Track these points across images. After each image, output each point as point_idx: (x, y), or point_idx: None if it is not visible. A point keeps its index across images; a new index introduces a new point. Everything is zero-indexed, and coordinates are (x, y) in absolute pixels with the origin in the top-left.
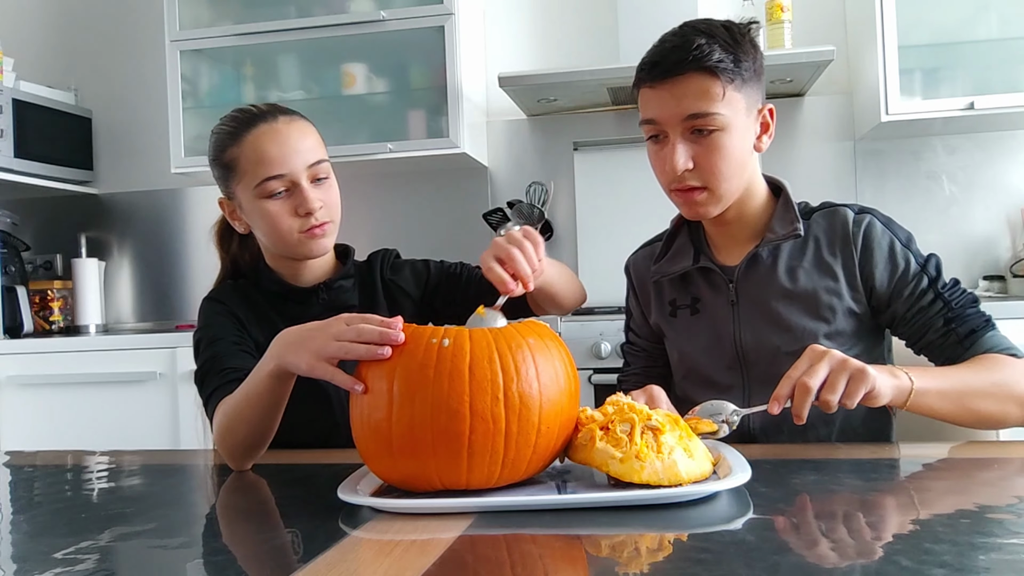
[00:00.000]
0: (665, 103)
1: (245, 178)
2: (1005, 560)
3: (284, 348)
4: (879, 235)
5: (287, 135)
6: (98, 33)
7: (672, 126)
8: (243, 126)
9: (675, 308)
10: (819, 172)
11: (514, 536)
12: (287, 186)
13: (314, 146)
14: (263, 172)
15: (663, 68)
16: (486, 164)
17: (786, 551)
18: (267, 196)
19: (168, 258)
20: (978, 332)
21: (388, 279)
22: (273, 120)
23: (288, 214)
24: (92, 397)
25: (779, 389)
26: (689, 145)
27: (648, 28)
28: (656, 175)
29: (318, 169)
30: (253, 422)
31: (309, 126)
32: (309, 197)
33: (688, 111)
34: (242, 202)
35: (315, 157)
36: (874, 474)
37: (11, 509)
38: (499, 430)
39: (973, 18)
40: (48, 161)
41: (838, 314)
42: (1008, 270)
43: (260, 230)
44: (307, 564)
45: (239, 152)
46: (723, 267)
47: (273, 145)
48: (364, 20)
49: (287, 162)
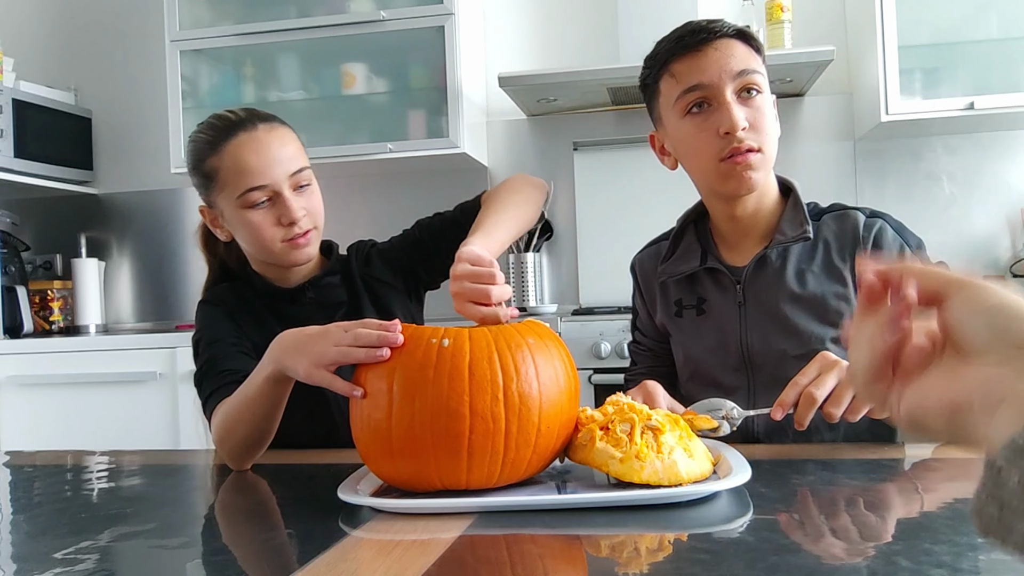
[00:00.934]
0: (713, 63)
1: (226, 189)
2: (1005, 560)
3: (282, 352)
4: (889, 241)
5: (267, 144)
6: (98, 33)
7: (722, 87)
8: (222, 135)
9: (681, 308)
10: (819, 172)
11: (514, 536)
12: (269, 196)
13: (295, 153)
14: (244, 183)
15: (702, 34)
16: (486, 164)
17: (786, 551)
18: (249, 207)
19: (168, 258)
20: None
21: (363, 273)
22: (252, 128)
23: (271, 224)
24: (92, 397)
25: (785, 395)
26: (740, 106)
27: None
28: (700, 150)
29: (300, 177)
30: (252, 424)
31: (289, 132)
32: (292, 207)
33: (738, 67)
34: (224, 211)
35: (296, 165)
36: (874, 474)
37: (11, 509)
38: (499, 430)
39: (973, 18)
40: (48, 161)
41: (846, 319)
42: (1008, 270)
43: (243, 239)
44: (307, 564)
45: (219, 162)
46: (731, 268)
47: (253, 155)
48: (364, 20)
49: (268, 172)
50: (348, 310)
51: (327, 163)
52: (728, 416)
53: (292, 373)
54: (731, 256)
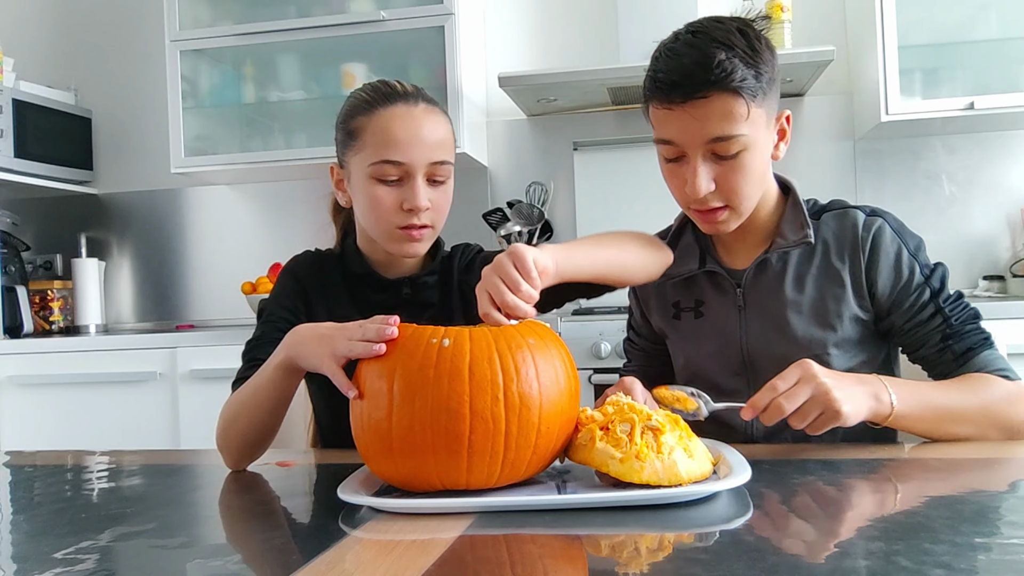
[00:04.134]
0: (686, 126)
1: (364, 151)
2: (1005, 560)
3: (298, 341)
4: (888, 242)
5: (421, 123)
6: (98, 33)
7: (693, 149)
8: (381, 99)
9: (679, 310)
10: (819, 172)
11: (514, 536)
12: (401, 175)
13: (443, 142)
14: (383, 153)
15: (683, 90)
16: (486, 164)
17: (786, 551)
18: (378, 178)
19: (168, 258)
20: (975, 350)
21: (461, 280)
22: (413, 104)
23: (393, 204)
24: (92, 397)
25: (759, 398)
26: (710, 166)
27: (648, 28)
28: (672, 192)
29: (439, 169)
30: (255, 415)
31: (446, 122)
32: (419, 194)
33: (711, 135)
34: (352, 174)
35: (440, 156)
36: (874, 474)
37: (11, 509)
38: (499, 430)
39: (973, 18)
40: (48, 161)
41: (844, 322)
42: (1008, 270)
43: (360, 208)
44: (307, 564)
45: (367, 123)
46: (730, 271)
47: (403, 129)
48: (364, 20)
49: (410, 151)
50: (436, 313)
51: (327, 163)
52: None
53: (304, 361)
54: (729, 258)
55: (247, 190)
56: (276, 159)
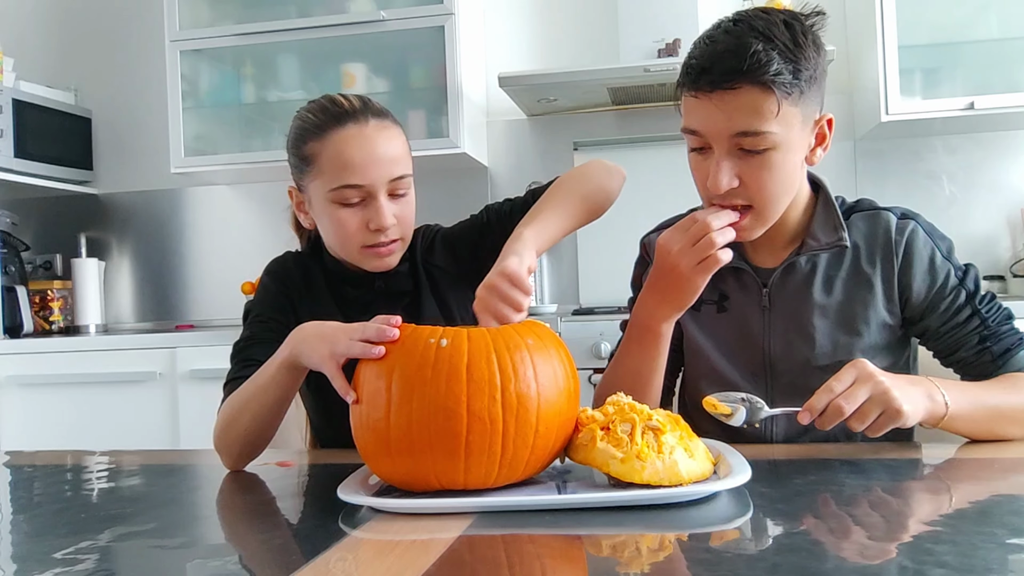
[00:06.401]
0: (712, 116)
1: (321, 177)
2: (1005, 560)
3: (301, 340)
4: (921, 245)
5: (375, 142)
6: (98, 33)
7: (718, 141)
8: (331, 120)
9: (700, 301)
10: (819, 172)
11: (513, 536)
12: (363, 196)
13: (399, 156)
14: (342, 178)
15: (711, 77)
16: (486, 164)
17: (786, 551)
18: (340, 203)
19: (168, 258)
20: (1013, 351)
21: (425, 261)
22: (364, 123)
23: (359, 226)
24: (92, 397)
25: (815, 400)
26: (735, 162)
27: (648, 28)
28: (696, 184)
29: (399, 184)
30: (259, 414)
31: (399, 133)
32: (384, 214)
33: (737, 128)
34: (312, 199)
35: (399, 171)
36: (874, 474)
37: (11, 509)
38: (496, 430)
39: (973, 18)
40: (48, 161)
41: (872, 328)
42: (1008, 270)
43: (325, 231)
44: (307, 564)
45: (321, 148)
46: (757, 268)
47: (358, 151)
48: (364, 20)
49: (368, 172)
50: (410, 301)
51: None
52: (752, 405)
53: (306, 360)
54: (757, 255)
55: (247, 190)
56: (276, 159)
